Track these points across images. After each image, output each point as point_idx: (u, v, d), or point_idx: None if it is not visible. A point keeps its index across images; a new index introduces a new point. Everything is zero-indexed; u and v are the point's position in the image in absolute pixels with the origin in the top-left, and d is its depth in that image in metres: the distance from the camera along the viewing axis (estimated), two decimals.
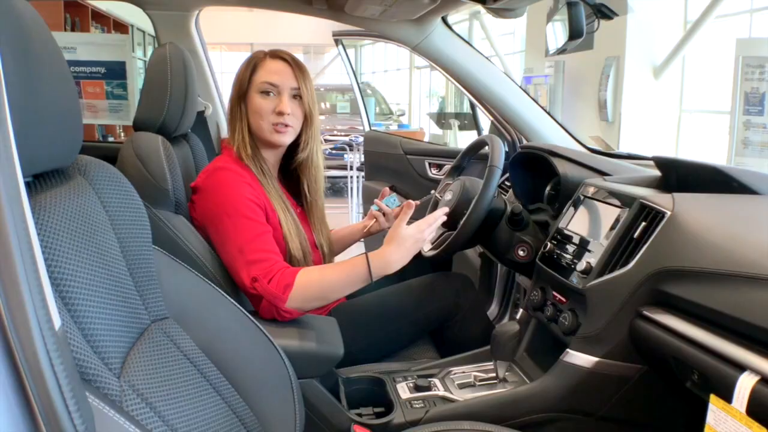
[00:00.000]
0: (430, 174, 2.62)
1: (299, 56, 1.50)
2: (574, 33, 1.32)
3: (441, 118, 8.72)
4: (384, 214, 1.71)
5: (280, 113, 1.42)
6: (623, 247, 1.20)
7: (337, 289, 1.33)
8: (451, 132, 8.28)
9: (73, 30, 4.77)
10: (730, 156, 4.44)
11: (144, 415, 0.74)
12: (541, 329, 1.45)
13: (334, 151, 7.02)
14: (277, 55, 1.47)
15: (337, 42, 3.03)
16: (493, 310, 2.24)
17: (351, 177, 5.58)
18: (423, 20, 1.80)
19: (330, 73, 15.99)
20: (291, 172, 1.58)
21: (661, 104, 6.00)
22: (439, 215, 1.40)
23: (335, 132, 8.13)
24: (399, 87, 14.56)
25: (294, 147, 1.51)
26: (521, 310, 1.51)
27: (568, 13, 1.31)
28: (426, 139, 8.60)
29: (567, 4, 1.29)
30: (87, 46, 1.98)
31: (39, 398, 0.45)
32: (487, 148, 1.62)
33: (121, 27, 5.82)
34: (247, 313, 1.08)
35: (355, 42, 14.66)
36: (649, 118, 5.94)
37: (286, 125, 1.44)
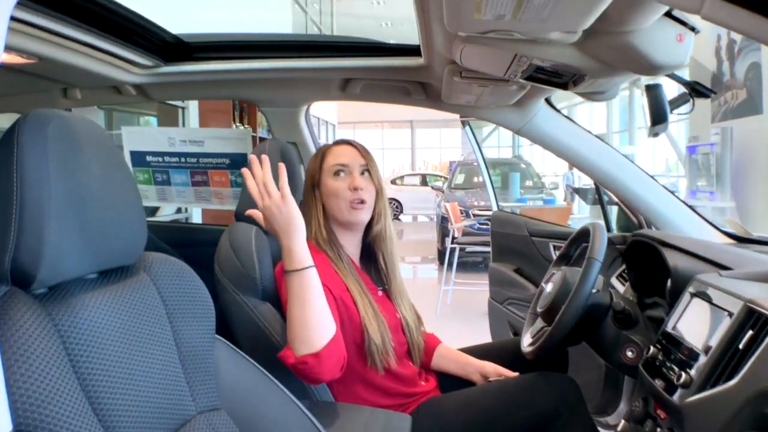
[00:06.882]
0: (554, 257, 2.48)
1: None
2: (656, 118, 1.19)
3: (587, 194, 8.28)
4: None
5: (356, 189, 1.48)
6: (727, 359, 1.02)
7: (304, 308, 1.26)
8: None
9: (241, 118, 5.26)
10: None
11: None
12: None
13: (482, 227, 6.91)
14: (341, 141, 1.58)
15: (463, 123, 3.07)
16: (621, 410, 2.02)
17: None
18: (524, 104, 1.75)
19: (486, 147, 16.15)
20: (368, 251, 1.59)
21: None
22: None
23: (483, 207, 8.07)
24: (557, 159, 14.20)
25: (368, 224, 1.55)
26: (622, 422, 1.34)
27: (647, 97, 1.19)
28: (582, 217, 8.18)
29: (645, 87, 1.18)
30: (213, 140, 2.21)
31: None
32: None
33: None
34: (306, 410, 1.07)
35: None
36: None
37: (362, 201, 1.49)
